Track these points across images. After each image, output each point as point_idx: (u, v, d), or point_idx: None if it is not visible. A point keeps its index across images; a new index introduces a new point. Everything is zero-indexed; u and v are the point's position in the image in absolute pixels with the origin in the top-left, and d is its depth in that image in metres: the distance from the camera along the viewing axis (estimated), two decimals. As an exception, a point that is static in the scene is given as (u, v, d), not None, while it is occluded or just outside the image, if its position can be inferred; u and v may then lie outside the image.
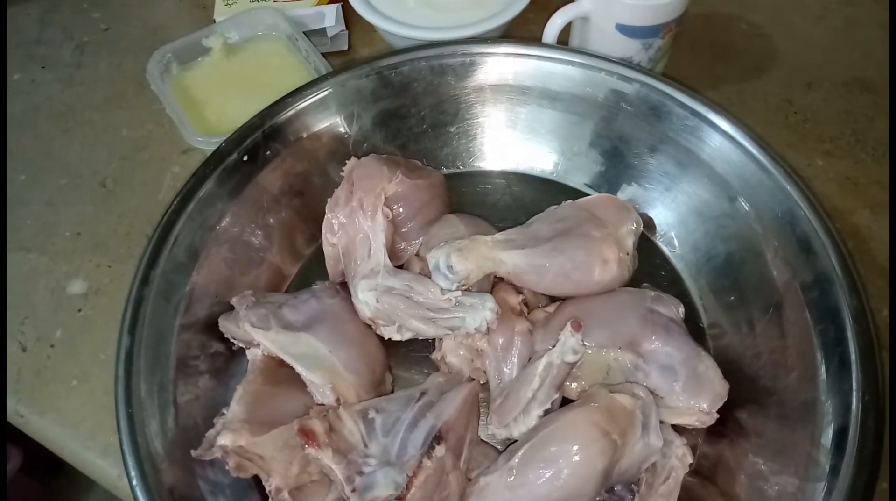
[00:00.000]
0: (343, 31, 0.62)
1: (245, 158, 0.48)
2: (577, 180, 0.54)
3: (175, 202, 0.44)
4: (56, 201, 0.55)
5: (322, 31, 0.62)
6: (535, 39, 0.53)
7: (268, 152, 0.49)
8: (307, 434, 0.37)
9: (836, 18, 0.66)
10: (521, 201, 0.54)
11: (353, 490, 0.35)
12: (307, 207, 0.51)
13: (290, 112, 0.49)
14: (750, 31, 0.65)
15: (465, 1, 0.58)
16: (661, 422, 0.39)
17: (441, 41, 0.53)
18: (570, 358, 0.38)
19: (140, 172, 0.57)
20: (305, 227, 0.51)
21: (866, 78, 0.61)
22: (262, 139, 0.48)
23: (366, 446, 0.38)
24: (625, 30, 0.52)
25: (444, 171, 0.55)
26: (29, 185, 0.56)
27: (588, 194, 0.52)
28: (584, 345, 0.39)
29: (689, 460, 0.38)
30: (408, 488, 0.35)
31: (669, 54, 0.56)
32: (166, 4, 0.69)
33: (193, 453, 0.37)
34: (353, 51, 0.64)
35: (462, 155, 0.55)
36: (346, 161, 0.49)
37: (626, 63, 0.50)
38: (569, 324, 0.39)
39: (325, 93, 0.50)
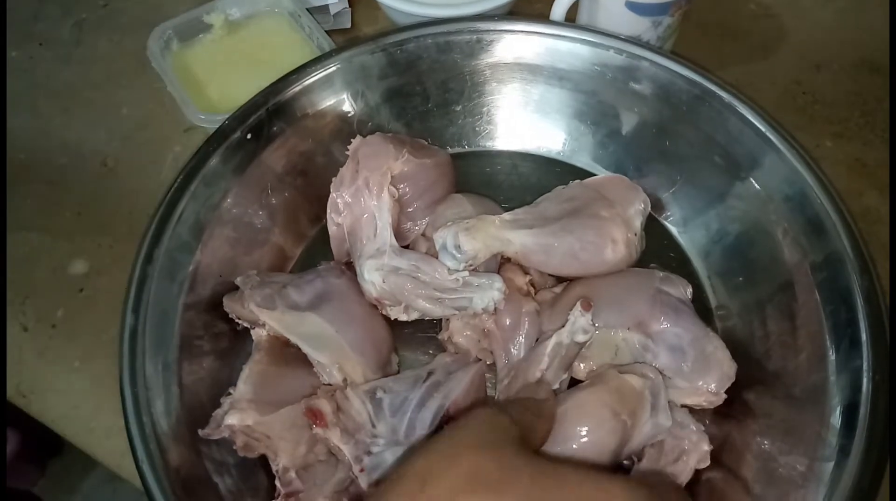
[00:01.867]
0: (346, 8, 0.61)
1: (248, 135, 0.47)
2: (584, 160, 0.53)
3: (178, 180, 0.44)
4: (57, 180, 0.55)
5: (325, 9, 0.61)
6: (542, 17, 0.52)
7: (272, 130, 0.48)
8: (315, 414, 0.36)
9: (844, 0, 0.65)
10: (529, 181, 0.53)
11: (362, 470, 0.35)
12: (311, 186, 0.50)
13: (295, 89, 0.49)
14: (758, 12, 0.64)
15: (471, -22, 0.57)
16: (679, 407, 0.38)
17: (447, 18, 0.52)
18: (580, 338, 0.38)
19: (141, 152, 0.56)
20: (309, 207, 0.51)
21: (875, 59, 0.60)
22: (265, 117, 0.48)
23: (373, 426, 0.38)
24: (634, 7, 0.51)
25: (450, 150, 0.54)
26: (29, 164, 0.56)
27: (596, 174, 0.52)
28: (594, 325, 0.39)
29: (705, 447, 0.38)
30: (416, 467, 0.35)
31: (677, 33, 0.55)
32: (166, -19, 0.67)
33: (201, 432, 0.37)
34: (356, 28, 0.63)
35: (468, 134, 0.55)
36: (351, 140, 0.49)
37: (635, 41, 0.49)
38: (578, 304, 0.38)
39: (330, 70, 0.50)
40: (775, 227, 0.44)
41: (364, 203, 0.45)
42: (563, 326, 0.39)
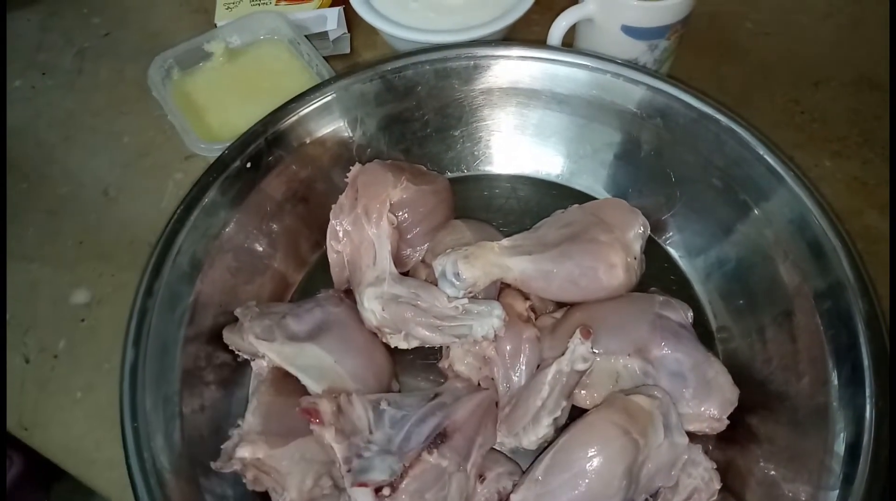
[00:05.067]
0: (345, 34, 0.62)
1: (248, 165, 0.47)
2: (583, 184, 0.53)
3: (178, 211, 0.44)
4: (58, 209, 0.55)
5: (324, 35, 0.61)
6: (539, 42, 0.53)
7: (271, 159, 0.48)
8: (310, 413, 0.36)
9: (842, 16, 0.65)
10: (528, 205, 0.53)
11: (349, 470, 0.35)
12: (311, 213, 0.51)
13: (293, 118, 0.49)
14: (755, 30, 0.64)
15: (468, 3, 0.57)
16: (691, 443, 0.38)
17: (445, 44, 0.52)
18: (580, 366, 0.38)
19: (142, 180, 0.56)
20: (310, 233, 0.51)
21: (873, 76, 0.60)
22: (265, 146, 0.48)
23: (371, 433, 0.38)
24: (630, 31, 0.51)
25: (449, 175, 0.54)
26: (30, 193, 0.56)
27: (595, 198, 0.52)
28: (594, 352, 0.39)
29: (716, 486, 0.38)
30: (402, 477, 0.35)
31: (675, 55, 0.55)
32: (167, 9, 0.68)
33: (213, 465, 0.37)
34: (355, 54, 0.63)
35: (467, 159, 0.55)
36: (351, 167, 0.49)
37: (632, 65, 0.49)
38: (578, 331, 0.38)
39: (329, 98, 0.50)
40: (775, 250, 0.44)
41: (363, 231, 0.45)
42: (564, 354, 0.38)
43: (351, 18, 0.62)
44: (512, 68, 0.51)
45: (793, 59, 0.62)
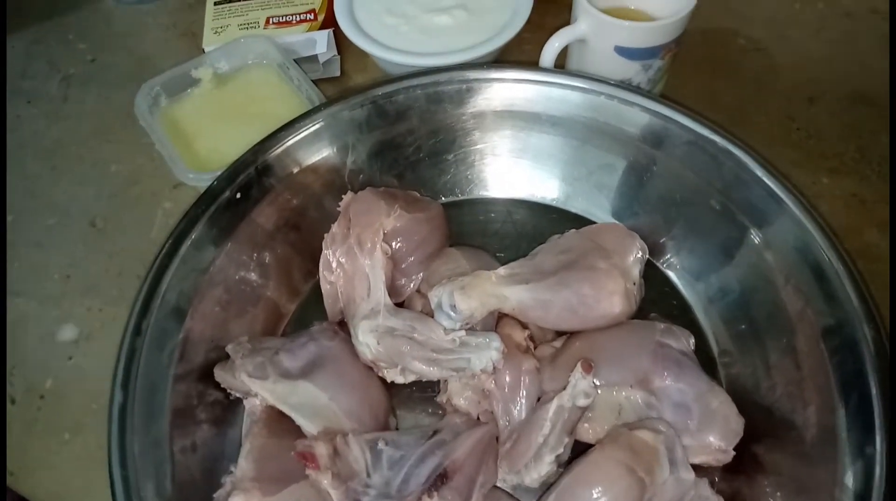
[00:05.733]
0: (335, 56, 0.61)
1: (238, 195, 0.46)
2: (580, 206, 0.52)
3: (166, 246, 0.43)
4: (44, 242, 0.54)
5: (314, 58, 0.60)
6: (532, 63, 0.52)
7: (261, 188, 0.47)
8: (306, 457, 0.35)
9: (834, 31, 0.65)
10: (524, 229, 0.52)
11: None
12: (304, 241, 0.50)
13: (283, 146, 0.48)
14: (748, 46, 0.64)
15: (458, 25, 0.57)
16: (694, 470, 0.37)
17: (436, 68, 0.52)
18: (582, 402, 0.37)
19: (130, 210, 0.55)
20: (302, 261, 0.50)
21: (867, 91, 0.60)
22: (255, 175, 0.47)
23: (368, 476, 0.37)
24: (623, 52, 0.50)
25: (444, 199, 0.54)
26: (16, 226, 0.55)
27: (591, 221, 0.52)
28: (596, 386, 0.38)
29: None
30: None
31: (669, 73, 0.55)
32: (154, 33, 0.67)
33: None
34: (345, 76, 0.63)
35: (461, 183, 0.54)
36: (343, 194, 0.48)
37: (627, 86, 0.49)
38: (579, 365, 0.37)
39: (319, 125, 0.49)
40: (777, 275, 0.43)
41: (357, 262, 0.44)
42: (565, 388, 0.37)
43: (340, 40, 0.61)
44: (505, 91, 0.51)
45: (786, 75, 0.62)
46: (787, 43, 0.64)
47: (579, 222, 0.51)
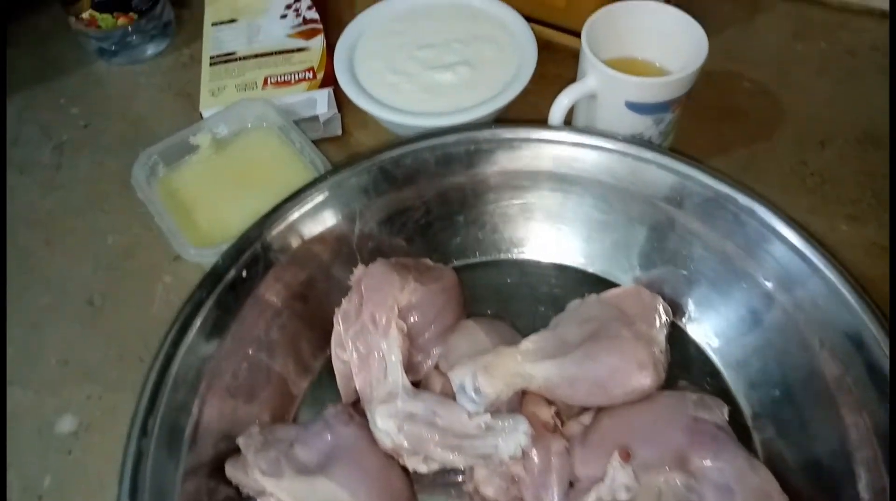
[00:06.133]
0: (336, 114, 0.60)
1: (244, 273, 0.44)
2: (597, 267, 0.51)
3: (170, 335, 0.41)
4: (40, 323, 0.51)
5: (314, 117, 0.59)
6: (540, 121, 0.51)
7: (267, 263, 0.46)
8: None
9: (838, 70, 0.64)
10: (539, 291, 0.51)
11: None
12: (312, 313, 0.48)
13: (289, 219, 0.46)
14: (753, 89, 0.63)
15: (462, 82, 0.55)
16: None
17: (444, 129, 0.50)
18: (623, 497, 0.35)
19: (129, 285, 0.53)
20: (312, 335, 0.48)
21: (876, 132, 0.59)
22: (260, 251, 0.45)
23: None
24: (635, 107, 0.49)
25: (456, 263, 0.52)
26: (10, 306, 0.52)
27: (610, 281, 0.50)
28: (635, 476, 0.36)
29: None
30: None
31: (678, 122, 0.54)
32: (148, 95, 0.66)
33: None
34: (347, 134, 0.61)
35: (473, 245, 0.52)
36: (352, 262, 0.47)
37: (640, 143, 0.48)
38: (616, 454, 0.35)
39: (325, 195, 0.48)
40: (810, 337, 0.42)
41: (371, 341, 0.42)
42: (603, 480, 0.35)
43: (341, 97, 0.60)
44: (515, 151, 0.49)
45: (794, 118, 0.61)
46: (791, 84, 0.63)
47: (598, 282, 0.50)
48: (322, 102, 0.58)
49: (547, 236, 0.51)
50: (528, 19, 0.59)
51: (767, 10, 0.69)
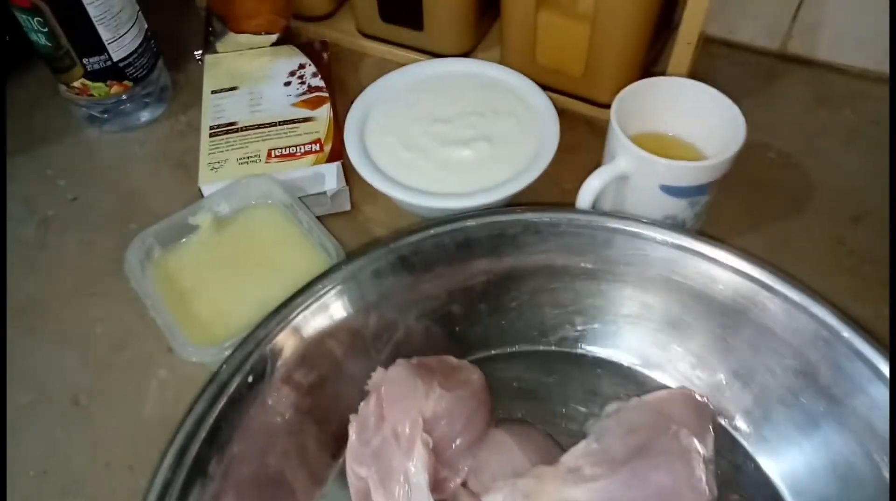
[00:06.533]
0: (344, 187, 0.56)
1: (250, 379, 0.40)
2: (629, 359, 0.47)
3: (167, 457, 0.36)
4: (18, 426, 0.46)
5: (322, 192, 0.55)
6: (569, 205, 0.48)
7: (274, 366, 0.41)
8: None
9: (864, 140, 0.62)
10: (569, 385, 0.47)
11: None
12: (324, 415, 0.43)
13: (299, 316, 0.42)
14: (780, 161, 0.60)
15: (481, 159, 0.52)
16: None
17: (466, 213, 0.47)
18: None
19: (119, 380, 0.48)
20: (322, 438, 0.43)
21: (910, 207, 0.57)
22: (268, 354, 0.41)
23: None
24: (670, 190, 0.46)
25: (478, 354, 0.48)
26: (-15, 406, 0.47)
27: (643, 374, 0.46)
28: None
29: None
30: None
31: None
32: (142, 165, 0.62)
33: None
34: (355, 210, 0.57)
35: (496, 335, 0.48)
36: (365, 360, 0.43)
37: (674, 228, 0.44)
38: None
39: (338, 287, 0.44)
40: (876, 450, 0.38)
41: (394, 459, 0.38)
42: None
43: (349, 170, 0.56)
44: (540, 236, 0.46)
45: (825, 192, 0.58)
46: (818, 156, 0.61)
47: (631, 377, 0.46)
48: (331, 178, 0.55)
49: (577, 325, 0.48)
50: (544, 88, 0.56)
51: (782, 76, 0.67)
